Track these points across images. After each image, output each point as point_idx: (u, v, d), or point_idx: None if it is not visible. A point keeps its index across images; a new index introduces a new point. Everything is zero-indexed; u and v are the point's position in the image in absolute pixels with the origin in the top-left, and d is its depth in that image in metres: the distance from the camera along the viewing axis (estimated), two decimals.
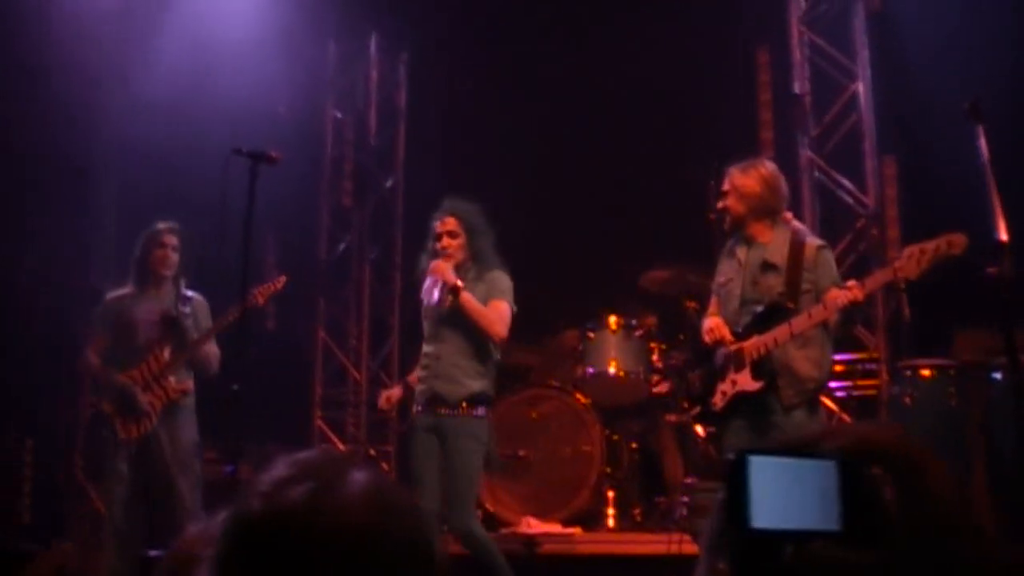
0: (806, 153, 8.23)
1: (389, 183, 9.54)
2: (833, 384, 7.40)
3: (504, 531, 6.94)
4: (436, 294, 5.90)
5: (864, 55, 8.27)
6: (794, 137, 8.29)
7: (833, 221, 8.10)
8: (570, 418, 7.28)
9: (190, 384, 6.43)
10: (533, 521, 6.95)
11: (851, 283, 5.01)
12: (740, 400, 5.21)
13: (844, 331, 5.45)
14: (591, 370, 7.35)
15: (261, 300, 6.44)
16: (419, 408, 5.88)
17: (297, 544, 1.29)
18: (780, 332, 5.12)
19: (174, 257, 6.57)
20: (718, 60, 8.33)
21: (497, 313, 5.85)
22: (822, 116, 8.29)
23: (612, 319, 7.40)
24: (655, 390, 7.42)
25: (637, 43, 8.50)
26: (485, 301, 5.84)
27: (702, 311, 7.35)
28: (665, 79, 8.39)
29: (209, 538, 2.12)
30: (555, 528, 6.88)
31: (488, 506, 7.17)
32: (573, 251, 8.54)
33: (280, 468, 1.38)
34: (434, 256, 5.97)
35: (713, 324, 5.38)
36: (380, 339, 9.53)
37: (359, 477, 1.37)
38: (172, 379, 6.38)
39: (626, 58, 8.57)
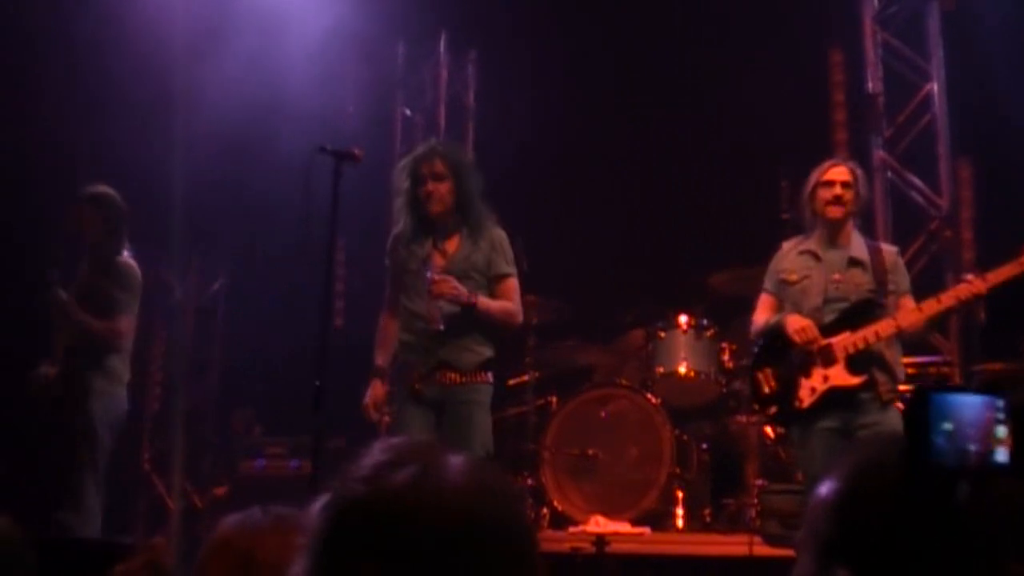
0: (879, 154, 8.16)
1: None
2: (903, 388, 7.33)
3: (572, 529, 6.94)
4: (439, 324, 5.30)
5: (939, 55, 8.19)
6: (867, 137, 8.21)
7: (906, 222, 8.03)
8: (640, 418, 7.26)
9: (44, 370, 6.16)
10: (601, 520, 6.94)
11: (970, 276, 5.00)
12: (831, 397, 5.19)
13: (929, 333, 5.42)
14: (661, 370, 7.33)
15: None
16: (409, 380, 5.42)
17: (402, 527, 1.30)
18: (883, 327, 5.12)
19: (90, 230, 6.26)
20: (790, 60, 8.27)
21: (516, 303, 5.54)
22: (895, 116, 8.22)
23: (683, 319, 7.37)
24: (737, 387, 7.36)
25: (708, 43, 8.47)
26: (488, 265, 5.44)
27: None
28: (737, 79, 8.34)
29: (246, 531, 2.14)
30: (624, 527, 6.86)
31: (556, 504, 7.17)
32: (641, 250, 8.52)
33: (378, 453, 1.38)
34: (415, 204, 5.43)
35: (804, 324, 5.34)
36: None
37: (457, 461, 1.37)
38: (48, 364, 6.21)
39: (697, 57, 8.54)
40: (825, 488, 1.47)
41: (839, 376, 5.20)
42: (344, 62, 9.11)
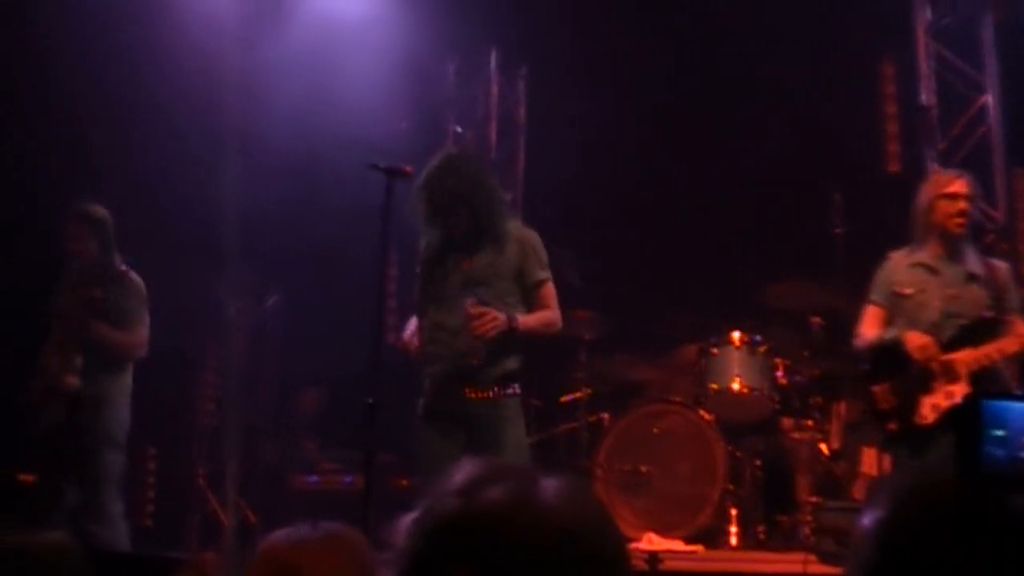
0: (933, 167, 8.07)
1: (510, 197, 9.56)
2: None
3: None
4: (477, 352, 5.06)
5: (993, 65, 8.11)
6: (920, 150, 8.14)
7: None
8: (693, 434, 7.22)
9: (71, 379, 6.13)
10: (655, 537, 6.90)
11: None
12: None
13: None
14: (714, 386, 7.29)
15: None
16: (432, 394, 5.22)
17: (496, 544, 1.28)
18: (1007, 344, 5.07)
19: (80, 245, 6.33)
20: (842, 73, 8.22)
21: (554, 308, 5.31)
22: (949, 129, 8.15)
23: (736, 335, 7.32)
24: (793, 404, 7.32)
25: (760, 56, 8.42)
26: (519, 269, 5.20)
27: (827, 326, 7.30)
28: (789, 92, 8.32)
29: (294, 546, 2.15)
30: (677, 545, 6.81)
31: None
32: (694, 265, 8.48)
33: (471, 469, 1.37)
34: (445, 236, 5.22)
35: (925, 341, 5.26)
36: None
37: (552, 482, 1.36)
38: (55, 363, 6.19)
39: (749, 71, 8.50)
40: (869, 516, 1.46)
41: (964, 393, 5.13)
42: (396, 80, 9.15)
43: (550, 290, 5.33)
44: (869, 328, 5.64)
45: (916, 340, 5.32)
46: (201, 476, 8.77)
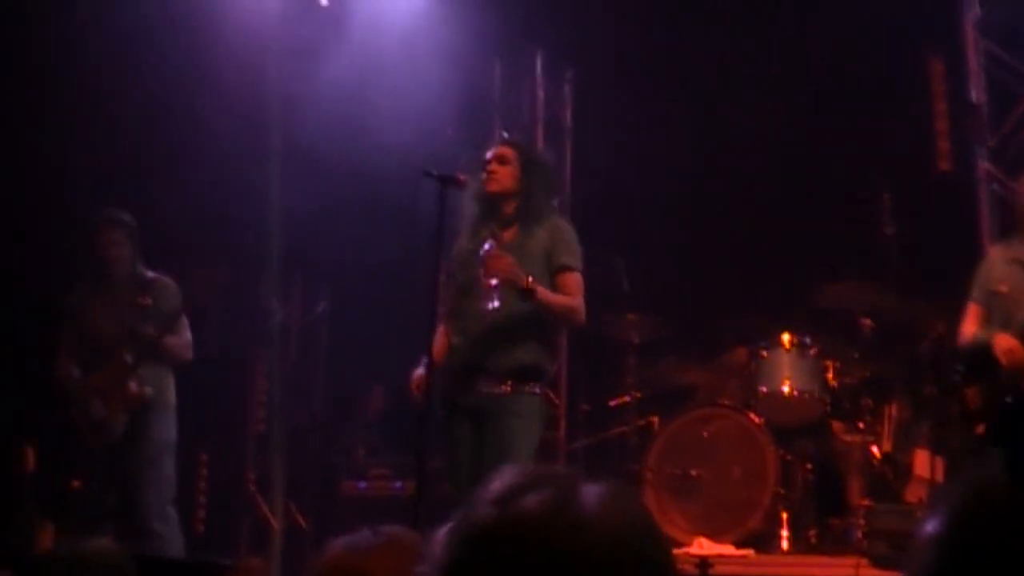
0: (983, 164, 7.98)
1: (556, 202, 9.53)
2: None
3: (676, 552, 6.87)
4: (494, 302, 4.87)
5: None
6: (971, 148, 8.04)
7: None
8: (743, 438, 7.18)
9: (148, 391, 6.23)
10: (705, 542, 6.87)
11: None
12: None
13: None
14: (764, 389, 7.24)
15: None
16: (450, 384, 5.12)
17: (534, 554, 1.24)
18: None
19: (120, 252, 6.38)
20: (890, 71, 8.15)
21: (578, 299, 5.13)
22: (1000, 126, 8.05)
23: (785, 337, 7.27)
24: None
25: (807, 56, 8.38)
26: (547, 255, 5.10)
27: (877, 328, 7.24)
28: (838, 91, 8.26)
29: (358, 552, 2.14)
30: (728, 549, 6.78)
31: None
32: (743, 268, 8.43)
33: (510, 476, 1.32)
34: (478, 191, 5.12)
35: (1012, 345, 5.18)
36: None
37: (594, 488, 1.31)
38: (132, 384, 6.19)
39: (797, 72, 8.46)
40: (929, 522, 1.43)
41: None
42: (441, 85, 9.16)
43: (575, 279, 5.17)
44: (968, 327, 5.55)
45: (1004, 343, 5.23)
46: (251, 482, 8.82)
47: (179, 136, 8.16)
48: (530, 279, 4.91)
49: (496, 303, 4.88)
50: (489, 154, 5.26)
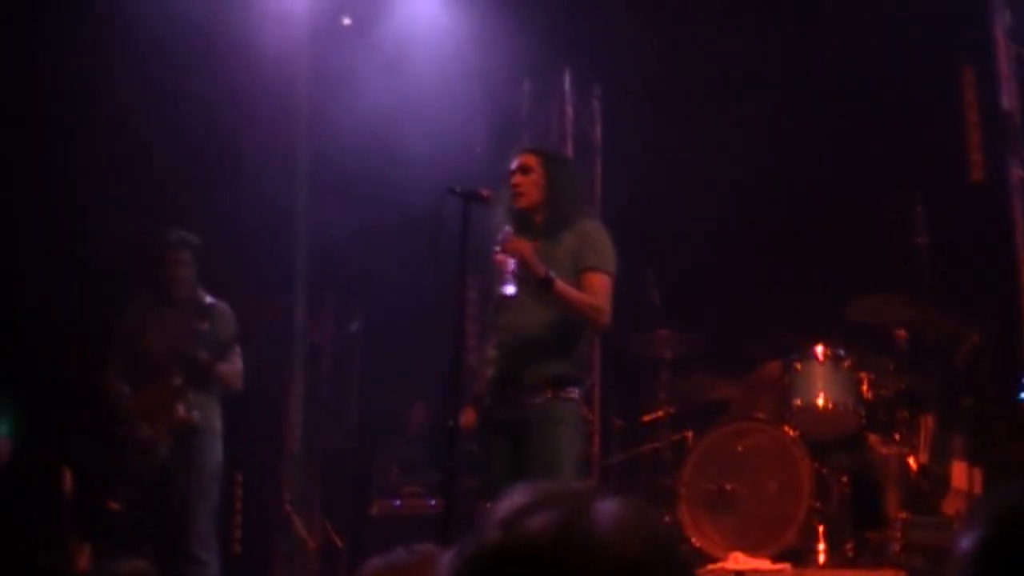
0: (1017, 173, 7.92)
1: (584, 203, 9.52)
2: None
3: (711, 567, 6.83)
4: (510, 286, 4.92)
5: None
6: (1004, 157, 7.98)
7: None
8: (778, 451, 7.13)
9: (195, 415, 6.17)
10: (741, 557, 6.82)
11: None
12: None
13: None
14: (798, 402, 7.20)
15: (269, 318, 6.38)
16: (490, 400, 5.07)
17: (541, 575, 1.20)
18: None
19: (185, 274, 6.31)
20: (921, 80, 8.11)
21: (602, 300, 5.01)
22: None
23: (819, 349, 7.23)
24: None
25: (838, 67, 8.35)
26: (575, 260, 5.00)
27: (912, 339, 7.19)
28: (868, 102, 8.23)
29: (393, 570, 2.14)
30: (764, 564, 6.73)
31: (694, 541, 7.08)
32: (775, 280, 8.40)
33: (520, 496, 1.28)
34: (507, 205, 5.06)
35: None
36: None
37: (608, 506, 1.26)
38: (180, 407, 6.13)
39: (826, 82, 8.43)
40: (967, 535, 1.41)
41: None
42: (470, 103, 9.19)
43: (600, 280, 5.04)
44: None
45: None
46: (287, 501, 8.84)
47: (210, 159, 8.22)
48: (547, 272, 4.84)
49: (513, 288, 4.88)
50: (513, 164, 5.20)
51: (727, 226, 8.57)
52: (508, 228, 5.00)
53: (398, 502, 8.29)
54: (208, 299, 6.39)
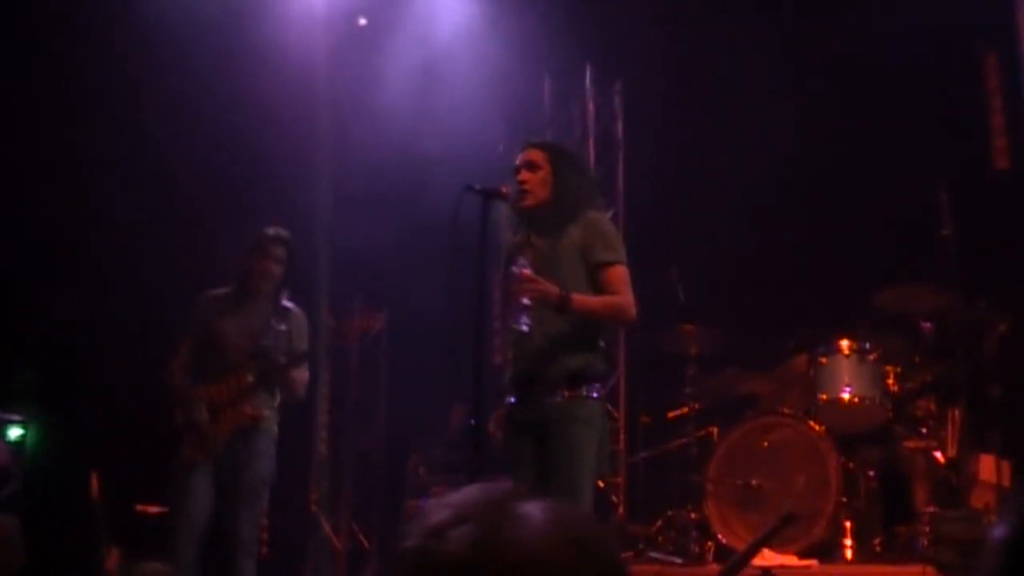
0: None
1: (610, 214, 9.48)
2: None
3: None
4: (525, 323, 4.75)
5: None
6: None
7: None
8: (804, 446, 7.09)
9: (265, 413, 6.04)
10: (768, 552, 6.76)
11: None
12: None
13: None
14: (824, 396, 7.15)
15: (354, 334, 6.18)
16: (512, 400, 4.99)
17: None
18: None
19: (277, 270, 6.15)
20: (944, 67, 8.04)
21: (623, 293, 4.89)
22: None
23: (844, 343, 7.17)
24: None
25: (860, 55, 8.29)
26: (581, 253, 4.89)
27: (938, 330, 7.12)
28: (891, 90, 8.16)
29: None
30: (791, 560, 6.68)
31: (721, 537, 7.04)
32: (799, 273, 8.35)
33: (437, 511, 1.27)
34: (514, 201, 4.95)
35: None
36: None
37: (534, 514, 1.24)
38: (248, 405, 5.99)
39: (848, 71, 8.37)
40: (997, 528, 1.39)
41: None
42: (492, 101, 9.19)
43: (616, 272, 4.92)
44: None
45: None
46: (315, 503, 8.86)
47: (233, 163, 8.27)
48: (562, 293, 4.74)
49: (527, 325, 4.79)
50: (518, 160, 5.10)
51: (751, 220, 8.52)
52: (518, 265, 4.86)
53: (427, 502, 8.30)
54: (287, 303, 6.25)
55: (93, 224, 8.19)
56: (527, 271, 4.77)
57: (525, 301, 4.75)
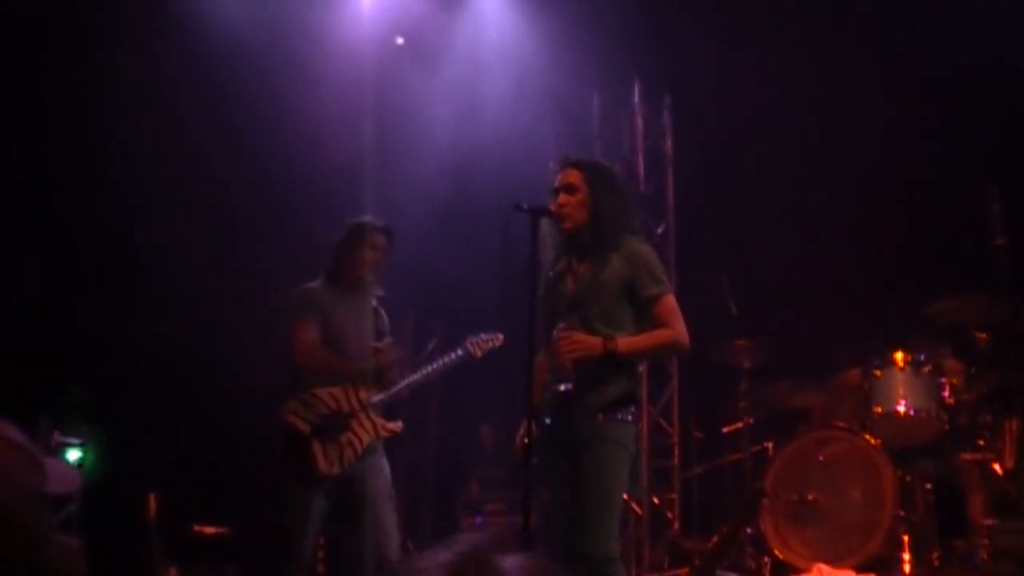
0: None
1: (660, 229, 9.50)
2: None
3: None
4: (567, 383, 4.79)
5: None
6: None
7: None
8: (859, 460, 7.04)
9: (400, 425, 5.77)
10: (825, 568, 6.73)
11: None
12: None
13: None
14: (879, 410, 7.10)
15: (479, 353, 5.77)
16: (548, 419, 4.94)
17: None
18: None
19: (377, 258, 5.81)
20: (997, 76, 7.98)
21: (674, 324, 4.84)
22: None
23: (899, 355, 7.12)
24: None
25: (911, 63, 8.24)
26: (628, 286, 4.84)
27: (993, 341, 7.06)
28: (942, 99, 8.11)
29: None
30: (848, 575, 6.64)
31: (777, 552, 7.00)
32: (852, 287, 8.30)
33: (432, 569, 1.31)
34: (557, 222, 4.92)
35: None
36: (659, 386, 9.40)
37: (508, 565, 1.29)
38: (379, 416, 5.65)
39: (899, 81, 8.33)
40: None
41: None
42: (541, 118, 9.22)
43: (666, 305, 4.89)
44: None
45: None
46: None
47: (281, 182, 8.35)
48: (606, 345, 4.76)
49: (568, 386, 4.82)
50: (556, 182, 5.07)
51: (802, 232, 8.48)
52: (559, 329, 4.87)
53: (481, 519, 8.32)
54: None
55: (146, 240, 8.28)
56: (568, 333, 4.80)
57: (568, 364, 4.77)
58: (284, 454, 5.66)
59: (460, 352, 5.73)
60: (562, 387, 4.85)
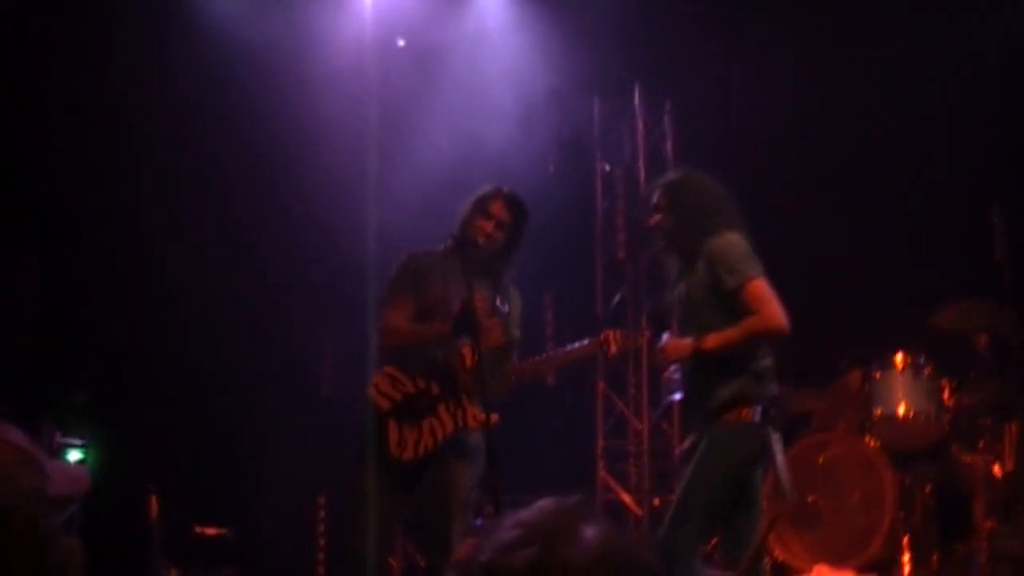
0: None
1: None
2: None
3: None
4: (678, 392, 5.07)
5: None
6: None
7: None
8: (859, 462, 7.06)
9: (496, 417, 4.77)
10: (825, 570, 6.75)
11: None
12: None
13: None
14: (879, 412, 7.11)
15: (613, 348, 5.20)
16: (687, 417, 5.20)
17: None
18: None
19: (497, 235, 5.11)
20: (999, 86, 8.00)
21: (761, 310, 4.76)
22: None
23: (898, 357, 7.14)
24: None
25: (914, 75, 8.26)
26: (714, 288, 4.77)
27: (994, 345, 7.08)
28: (945, 111, 8.13)
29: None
30: None
31: (778, 554, 7.02)
32: (853, 293, 8.31)
33: (504, 530, 1.30)
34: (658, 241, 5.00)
35: None
36: (659, 390, 9.42)
37: (589, 535, 1.27)
38: (473, 404, 4.92)
39: (902, 92, 8.35)
40: None
41: None
42: (541, 122, 9.23)
43: (752, 292, 4.78)
44: None
45: None
46: None
47: (283, 191, 8.37)
48: (696, 345, 4.77)
49: (679, 395, 5.01)
50: (652, 201, 5.09)
51: (803, 237, 8.49)
52: (664, 338, 4.95)
53: (481, 521, 8.31)
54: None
55: (146, 244, 8.29)
56: (661, 345, 4.94)
57: (675, 374, 4.93)
58: (359, 431, 5.12)
59: (588, 343, 5.23)
60: (676, 397, 4.88)
